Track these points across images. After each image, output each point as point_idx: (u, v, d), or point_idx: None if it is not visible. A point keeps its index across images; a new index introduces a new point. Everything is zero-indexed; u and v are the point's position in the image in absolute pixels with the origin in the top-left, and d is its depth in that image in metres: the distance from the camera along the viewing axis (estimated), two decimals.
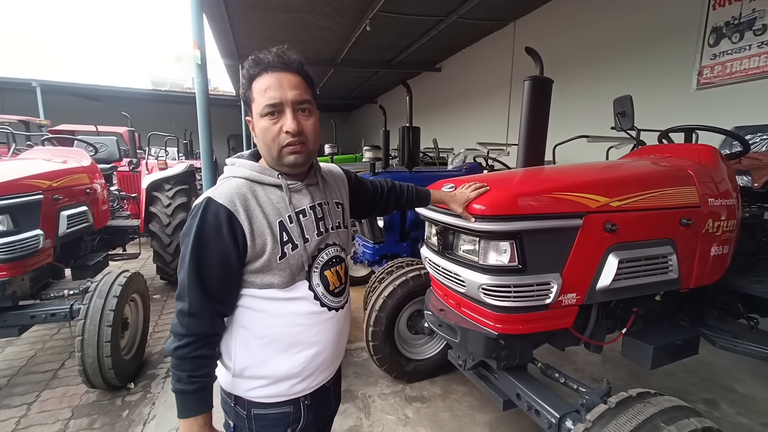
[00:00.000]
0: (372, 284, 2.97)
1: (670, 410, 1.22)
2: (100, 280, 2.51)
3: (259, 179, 0.96)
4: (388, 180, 1.40)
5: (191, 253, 0.86)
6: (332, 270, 1.03)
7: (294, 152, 0.94)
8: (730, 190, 1.90)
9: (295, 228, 0.96)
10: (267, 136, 0.92)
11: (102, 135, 6.59)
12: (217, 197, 0.89)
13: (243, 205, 0.90)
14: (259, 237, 0.91)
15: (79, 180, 3.08)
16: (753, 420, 2.26)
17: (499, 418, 2.27)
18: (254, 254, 0.91)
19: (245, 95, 0.95)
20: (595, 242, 1.55)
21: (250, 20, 6.72)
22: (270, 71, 0.91)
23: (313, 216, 1.01)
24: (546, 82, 2.12)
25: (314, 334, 0.99)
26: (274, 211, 0.94)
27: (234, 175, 0.97)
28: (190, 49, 2.46)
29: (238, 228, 0.88)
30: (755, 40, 3.39)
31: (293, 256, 0.95)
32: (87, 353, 2.28)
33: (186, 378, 0.87)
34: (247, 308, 0.95)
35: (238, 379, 0.97)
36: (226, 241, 0.87)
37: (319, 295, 1.00)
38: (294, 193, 0.99)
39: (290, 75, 0.93)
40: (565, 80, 5.37)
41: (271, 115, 0.92)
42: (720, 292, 2.15)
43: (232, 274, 0.90)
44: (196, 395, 0.89)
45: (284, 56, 0.93)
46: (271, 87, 0.90)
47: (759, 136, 2.58)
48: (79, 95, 13.97)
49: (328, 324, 1.02)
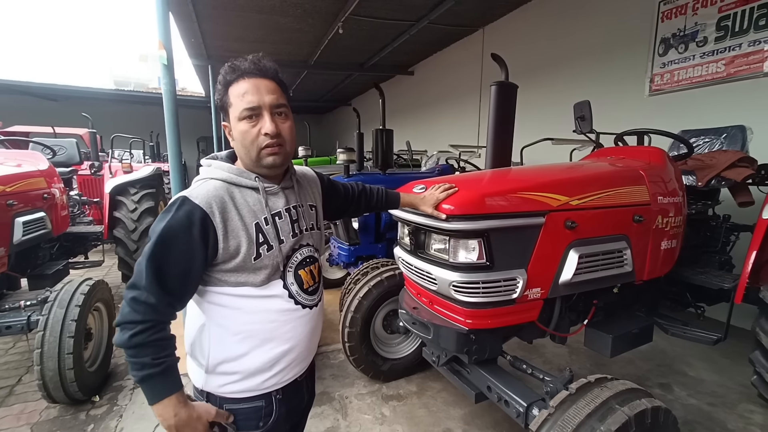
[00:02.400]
0: (347, 286, 2.99)
1: (624, 393, 1.32)
2: (61, 289, 2.39)
3: (237, 181, 0.98)
4: (359, 183, 1.45)
5: (156, 246, 0.86)
6: (306, 269, 1.07)
7: (273, 153, 0.97)
8: (677, 189, 2.07)
9: (270, 230, 0.99)
10: (246, 138, 0.95)
11: (60, 137, 6.24)
12: (194, 197, 0.91)
13: (219, 207, 0.92)
14: (233, 239, 0.93)
15: (35, 184, 2.91)
16: (701, 401, 2.45)
17: (473, 412, 2.34)
18: (227, 255, 0.93)
19: (221, 101, 0.98)
20: (556, 239, 1.64)
21: (219, 20, 6.58)
22: (247, 77, 0.95)
23: (288, 218, 1.04)
24: (511, 87, 2.22)
25: (288, 331, 1.02)
26: (250, 213, 0.97)
27: (211, 177, 0.98)
28: (156, 48, 2.40)
29: (211, 230, 0.90)
30: (698, 51, 3.69)
31: (268, 256, 0.97)
32: (47, 366, 2.16)
33: (150, 361, 0.84)
34: (222, 306, 0.97)
35: (211, 375, 0.98)
36: (195, 241, 0.88)
37: (294, 294, 1.03)
38: (270, 195, 1.02)
39: (266, 81, 0.96)
40: (531, 85, 5.60)
41: (249, 119, 0.95)
42: (671, 284, 2.33)
43: (193, 273, 0.90)
44: (164, 376, 0.86)
45: (260, 63, 0.96)
46: (249, 92, 0.94)
47: (702, 139, 2.80)
48: (34, 95, 13.10)
49: (302, 321, 1.05)
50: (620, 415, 1.23)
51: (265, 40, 7.48)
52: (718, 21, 3.53)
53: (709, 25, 3.59)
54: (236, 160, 1.05)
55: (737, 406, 2.39)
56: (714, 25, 3.56)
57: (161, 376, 0.86)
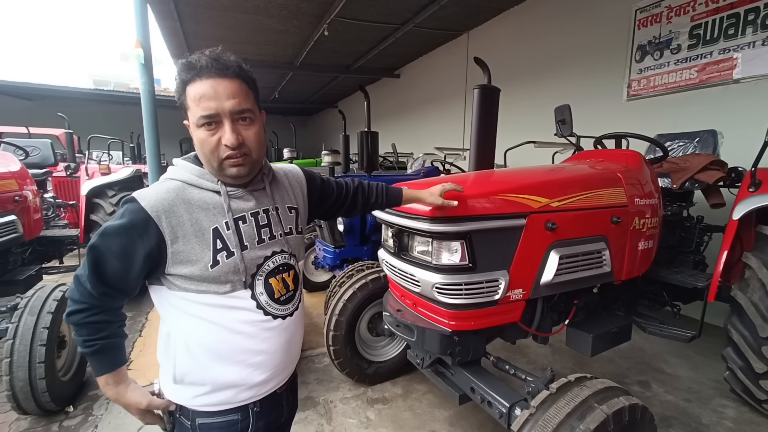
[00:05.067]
0: (332, 288, 2.96)
1: (603, 391, 1.35)
2: (32, 296, 2.30)
3: (197, 183, 0.92)
4: (355, 180, 1.33)
5: (97, 239, 0.85)
6: (278, 278, 0.99)
7: (236, 165, 0.89)
8: (653, 191, 2.13)
9: (231, 235, 0.91)
10: (205, 147, 0.88)
11: (35, 137, 6.02)
12: (141, 199, 0.86)
13: (167, 211, 0.86)
14: (183, 244, 0.87)
15: (6, 186, 2.80)
16: (678, 397, 2.52)
17: (458, 413, 2.35)
18: (177, 260, 0.87)
19: (179, 100, 0.89)
20: (538, 240, 1.67)
21: (201, 20, 6.47)
22: (204, 77, 0.84)
23: (254, 222, 0.96)
24: (493, 90, 2.25)
25: (258, 342, 0.96)
26: (208, 217, 0.90)
27: (171, 177, 0.93)
28: (133, 47, 2.34)
29: (153, 233, 0.85)
30: (672, 58, 3.82)
31: (227, 264, 0.90)
32: (17, 376, 2.07)
33: (82, 342, 0.87)
34: (187, 314, 0.92)
35: (180, 386, 0.94)
36: (134, 242, 0.84)
37: (263, 304, 0.96)
38: (235, 199, 0.95)
39: (227, 81, 0.85)
40: (514, 89, 5.71)
41: (207, 125, 0.86)
42: (648, 283, 2.39)
43: (132, 274, 0.86)
44: (96, 357, 0.89)
45: (219, 60, 0.85)
46: (206, 96, 0.84)
47: (676, 143, 2.90)
48: (7, 94, 12.62)
49: (275, 332, 0.98)
50: (599, 414, 1.25)
51: (250, 40, 7.40)
52: (691, 29, 3.66)
53: (683, 33, 3.72)
54: None
55: (711, 401, 2.46)
56: (687, 33, 3.69)
57: (94, 357, 0.89)
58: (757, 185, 2.16)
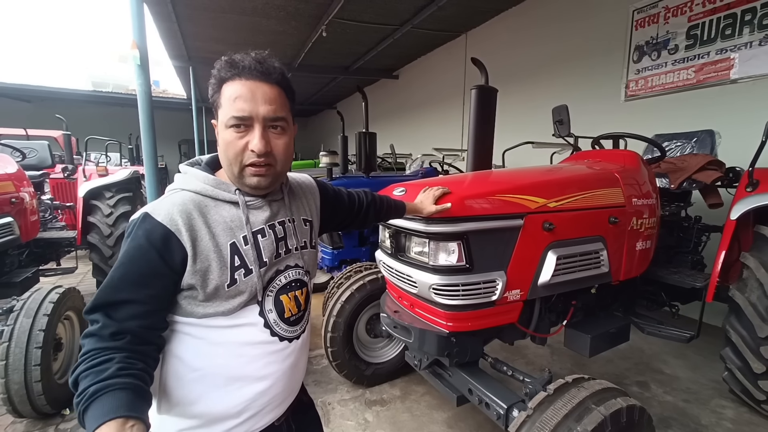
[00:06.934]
0: (330, 290, 2.96)
1: (600, 392, 1.34)
2: (28, 298, 2.28)
3: (213, 194, 0.84)
4: (368, 192, 1.27)
5: (117, 269, 0.74)
6: (290, 295, 0.91)
7: (258, 174, 0.83)
8: (651, 191, 2.13)
9: (250, 251, 0.84)
10: (230, 150, 0.81)
11: (33, 139, 6.01)
12: (155, 213, 0.77)
13: (186, 224, 0.77)
14: (202, 261, 0.78)
15: (2, 188, 2.79)
16: (677, 397, 2.51)
17: (457, 415, 2.34)
18: (194, 280, 0.78)
19: (212, 98, 0.84)
20: (535, 240, 1.66)
21: (199, 21, 6.47)
22: (244, 78, 0.80)
23: (272, 235, 0.89)
24: (491, 91, 2.25)
25: (261, 367, 0.86)
26: (225, 232, 0.82)
27: (183, 188, 0.84)
28: (129, 48, 2.33)
29: (176, 249, 0.76)
30: (670, 58, 3.82)
31: (245, 282, 0.83)
32: (12, 379, 2.06)
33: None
34: (183, 334, 0.81)
35: (166, 416, 0.83)
36: (154, 265, 0.75)
37: (270, 323, 0.87)
38: (253, 210, 0.87)
39: (267, 86, 0.81)
40: (512, 89, 5.71)
41: (237, 128, 0.80)
42: (646, 284, 2.39)
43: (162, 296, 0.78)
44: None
45: (264, 63, 0.82)
46: (242, 97, 0.79)
47: (674, 143, 2.90)
48: (6, 96, 12.62)
49: (279, 356, 0.89)
50: (596, 415, 1.24)
51: (248, 42, 7.39)
52: (688, 30, 3.67)
53: (680, 33, 3.73)
54: (219, 166, 0.90)
55: (710, 401, 2.46)
56: (684, 33, 3.70)
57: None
58: (754, 185, 2.16)
